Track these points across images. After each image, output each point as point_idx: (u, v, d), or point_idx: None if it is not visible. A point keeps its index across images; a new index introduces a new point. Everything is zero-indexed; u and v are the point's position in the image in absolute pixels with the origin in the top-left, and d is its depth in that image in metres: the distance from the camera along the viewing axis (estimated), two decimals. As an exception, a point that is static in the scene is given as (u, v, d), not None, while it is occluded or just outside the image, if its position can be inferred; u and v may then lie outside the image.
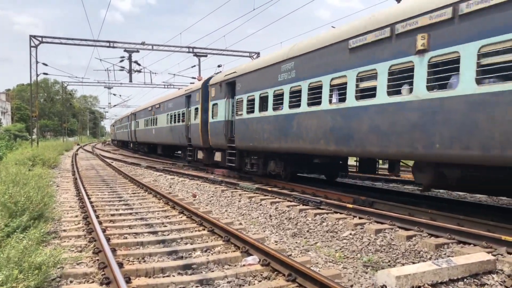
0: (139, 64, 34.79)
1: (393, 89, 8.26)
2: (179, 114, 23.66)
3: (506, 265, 5.42)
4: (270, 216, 9.43)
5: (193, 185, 14.46)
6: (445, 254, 6.19)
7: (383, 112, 8.40)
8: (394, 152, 8.33)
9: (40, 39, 30.26)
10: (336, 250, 6.79)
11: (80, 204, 10.10)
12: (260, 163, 14.51)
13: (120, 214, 9.19)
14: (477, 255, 5.40)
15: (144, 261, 5.85)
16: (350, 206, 9.01)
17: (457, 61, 6.94)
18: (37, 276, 4.33)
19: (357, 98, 9.09)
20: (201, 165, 20.42)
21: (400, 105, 8.03)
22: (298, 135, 11.25)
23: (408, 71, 7.87)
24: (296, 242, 7.27)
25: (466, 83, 6.77)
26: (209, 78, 19.26)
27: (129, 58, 32.98)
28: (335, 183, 13.92)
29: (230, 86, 16.19)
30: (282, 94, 12.08)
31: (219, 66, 33.12)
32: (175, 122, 24.44)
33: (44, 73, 38.31)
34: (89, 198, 10.48)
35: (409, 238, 6.92)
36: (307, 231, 8.09)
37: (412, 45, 7.74)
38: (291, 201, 10.44)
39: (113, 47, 31.12)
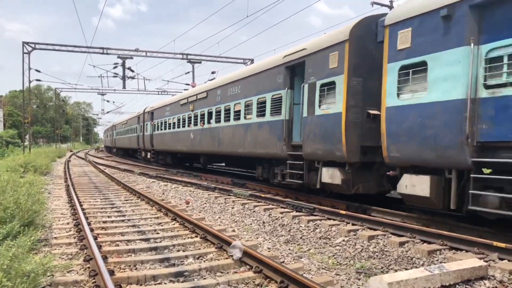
0: (132, 71, 34.80)
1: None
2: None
3: (497, 271, 5.44)
4: (263, 222, 9.40)
5: (186, 192, 14.41)
6: (437, 260, 6.20)
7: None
8: None
9: (33, 45, 30.17)
10: (329, 257, 6.78)
11: (72, 211, 10.02)
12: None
13: (112, 221, 9.12)
14: (469, 261, 5.40)
15: (136, 269, 5.79)
16: (343, 212, 9.01)
17: None
18: (26, 284, 4.27)
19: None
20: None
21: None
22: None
23: None
24: (289, 249, 7.25)
25: None
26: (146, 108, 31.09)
27: (123, 65, 32.98)
28: None
29: (150, 115, 28.98)
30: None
31: (213, 72, 33.22)
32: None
33: (37, 80, 38.14)
34: (81, 205, 10.40)
35: (401, 244, 6.92)
36: (300, 237, 8.07)
37: None
38: (284, 208, 10.42)
39: (107, 53, 31.10)
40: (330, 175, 10.07)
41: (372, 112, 9.45)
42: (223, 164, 22.79)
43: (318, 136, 10.41)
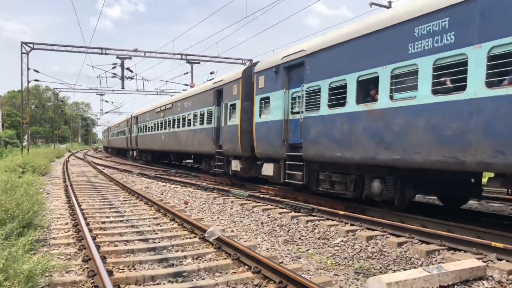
0: (131, 71, 34.77)
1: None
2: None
3: (496, 272, 5.45)
4: (262, 223, 9.40)
5: (185, 192, 14.40)
6: (436, 260, 6.20)
7: None
8: None
9: (31, 45, 30.11)
10: (327, 257, 6.78)
11: (71, 211, 10.01)
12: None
13: (111, 222, 9.12)
14: (467, 262, 5.41)
15: (135, 269, 5.79)
16: (342, 213, 9.01)
17: None
18: (24, 284, 4.27)
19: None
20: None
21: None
22: None
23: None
24: (288, 249, 7.25)
25: None
26: (133, 113, 30.36)
27: (122, 65, 32.93)
28: None
29: (136, 119, 28.66)
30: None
31: (211, 73, 33.20)
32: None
33: (35, 80, 38.06)
34: (79, 206, 10.39)
35: (400, 244, 6.93)
36: (299, 238, 8.08)
37: None
38: (283, 208, 10.42)
39: (105, 53, 31.05)
40: (235, 165, 15.08)
41: None
42: (191, 160, 25.75)
43: (229, 139, 15.46)
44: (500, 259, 5.94)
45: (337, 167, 10.20)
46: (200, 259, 6.26)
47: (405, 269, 5.90)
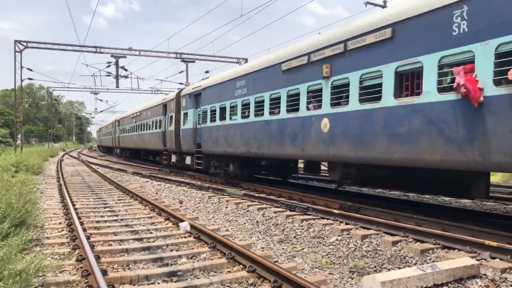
0: (126, 70, 34.67)
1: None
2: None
3: (489, 270, 5.48)
4: (257, 222, 9.40)
5: (180, 191, 14.37)
6: (430, 259, 6.22)
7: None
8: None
9: (25, 44, 29.93)
10: (322, 256, 6.79)
11: (64, 210, 9.96)
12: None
13: (105, 221, 9.08)
14: (461, 260, 5.43)
15: (129, 269, 5.77)
16: (337, 211, 9.03)
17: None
18: (18, 284, 4.24)
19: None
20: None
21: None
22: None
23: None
24: (283, 248, 7.25)
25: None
26: (116, 117, 41.49)
27: (116, 64, 32.82)
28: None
29: (118, 122, 40.08)
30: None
31: (207, 72, 33.11)
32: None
33: (29, 78, 37.84)
34: (73, 205, 10.34)
35: (394, 243, 6.95)
36: (294, 237, 8.08)
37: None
38: (278, 207, 10.43)
39: (100, 52, 30.93)
40: (173, 158, 22.20)
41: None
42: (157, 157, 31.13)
43: (169, 141, 22.56)
44: (494, 258, 5.97)
45: (218, 157, 16.86)
46: (195, 258, 6.25)
47: (399, 268, 5.92)
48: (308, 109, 10.49)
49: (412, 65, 7.61)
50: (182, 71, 36.10)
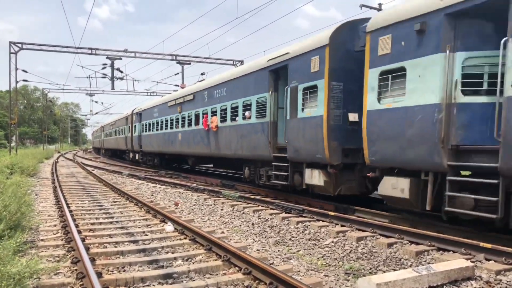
0: (121, 72, 34.55)
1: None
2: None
3: (484, 272, 5.51)
4: (253, 224, 9.40)
5: (175, 193, 14.35)
6: (425, 261, 6.25)
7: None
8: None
9: (20, 45, 29.80)
10: (318, 258, 6.80)
11: (59, 213, 9.91)
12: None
13: (101, 223, 9.05)
14: (456, 262, 5.46)
15: (124, 271, 5.75)
16: (332, 213, 9.04)
17: None
18: (12, 286, 4.22)
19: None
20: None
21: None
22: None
23: None
24: (279, 250, 7.26)
25: None
26: (103, 125, 52.04)
27: (111, 65, 32.73)
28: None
29: (103, 128, 50.15)
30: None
31: (202, 74, 33.10)
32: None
33: (24, 80, 37.66)
34: (68, 207, 10.30)
35: (390, 245, 6.97)
36: (290, 239, 8.09)
37: None
38: (273, 209, 10.43)
39: (95, 54, 30.82)
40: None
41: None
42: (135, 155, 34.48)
43: (148, 144, 26.95)
44: (488, 259, 6.00)
45: (150, 154, 28.43)
46: (191, 261, 6.24)
47: (395, 270, 5.94)
48: (175, 127, 20.97)
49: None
50: (178, 73, 36.11)
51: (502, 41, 6.12)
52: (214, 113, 15.97)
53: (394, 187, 8.00)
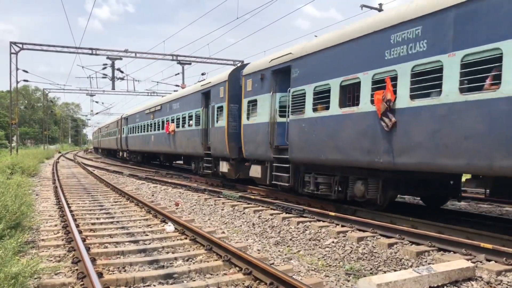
0: (122, 72, 34.57)
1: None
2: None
3: (485, 272, 5.50)
4: (253, 224, 9.40)
5: (176, 194, 14.35)
6: (425, 261, 6.24)
7: None
8: None
9: (20, 45, 29.82)
10: (318, 258, 6.80)
11: (60, 213, 9.92)
12: None
13: (101, 223, 9.06)
14: (457, 262, 5.46)
15: (125, 271, 5.76)
16: (333, 214, 9.04)
17: None
18: (13, 286, 4.22)
19: None
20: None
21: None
22: None
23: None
24: (279, 251, 7.26)
25: None
26: (100, 127, 62.87)
27: (112, 66, 32.74)
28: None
29: (99, 130, 61.95)
30: None
31: (203, 74, 33.11)
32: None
33: (25, 80, 37.70)
34: (69, 207, 10.31)
35: (390, 245, 6.97)
36: (290, 239, 8.09)
37: None
38: (274, 209, 10.43)
39: (96, 54, 30.83)
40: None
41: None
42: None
43: (132, 144, 32.08)
44: (489, 260, 6.00)
45: (134, 152, 34.09)
46: (191, 261, 6.24)
47: (395, 270, 5.94)
48: (150, 131, 25.71)
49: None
50: (178, 73, 36.12)
51: (289, 89, 10.90)
52: (172, 120, 21.20)
53: (253, 172, 13.12)
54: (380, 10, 19.57)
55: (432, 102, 7.02)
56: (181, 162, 27.82)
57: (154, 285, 5.20)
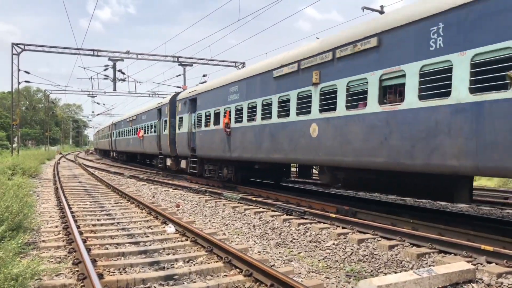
0: (123, 73, 34.62)
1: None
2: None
3: (485, 274, 5.49)
4: (254, 226, 9.40)
5: (176, 195, 14.36)
6: (426, 263, 6.24)
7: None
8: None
9: (22, 46, 29.90)
10: (319, 260, 6.80)
11: (61, 214, 9.93)
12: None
13: (102, 224, 9.06)
14: (457, 264, 5.45)
15: (125, 272, 5.76)
16: (334, 216, 9.04)
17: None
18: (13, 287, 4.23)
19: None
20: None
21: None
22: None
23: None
24: (280, 252, 7.25)
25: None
26: (97, 130, 70.59)
27: (114, 67, 32.79)
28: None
29: (98, 132, 67.56)
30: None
31: (204, 75, 33.16)
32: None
33: (26, 81, 37.79)
34: (70, 208, 10.32)
35: (391, 247, 6.96)
36: (291, 241, 8.08)
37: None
38: (275, 211, 10.43)
39: (97, 55, 30.93)
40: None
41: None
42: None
43: (119, 145, 39.27)
44: (490, 262, 5.99)
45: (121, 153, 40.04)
46: (192, 262, 6.24)
47: (396, 272, 5.94)
48: (130, 135, 32.40)
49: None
50: (180, 75, 36.15)
51: (195, 111, 18.00)
52: (142, 128, 28.05)
53: (182, 164, 19.88)
54: (381, 12, 19.58)
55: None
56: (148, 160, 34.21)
57: (155, 287, 5.20)
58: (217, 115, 15.61)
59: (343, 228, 8.39)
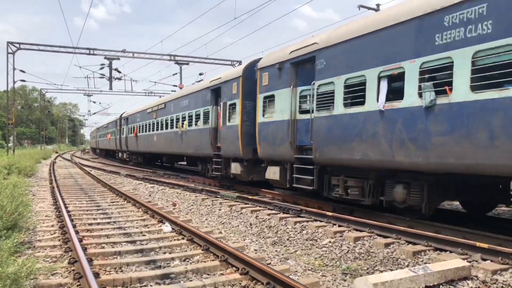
0: (119, 72, 34.50)
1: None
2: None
3: (480, 272, 5.52)
4: (251, 224, 9.40)
5: (173, 194, 14.34)
6: (422, 261, 6.26)
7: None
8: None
9: (17, 45, 29.75)
10: (315, 258, 6.81)
11: (57, 213, 9.90)
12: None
13: (98, 223, 9.05)
14: (452, 262, 5.48)
15: (122, 271, 5.75)
16: (330, 214, 9.06)
17: None
18: (9, 287, 4.21)
19: None
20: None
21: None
22: None
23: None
24: (276, 251, 7.26)
25: None
26: (91, 130, 79.47)
27: (110, 66, 32.68)
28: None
29: (93, 131, 73.25)
30: None
31: (200, 74, 33.10)
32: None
33: (22, 80, 37.59)
34: (66, 207, 10.29)
35: (387, 245, 6.99)
36: (287, 239, 8.09)
37: None
38: (271, 209, 10.44)
39: (93, 54, 30.78)
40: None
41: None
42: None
43: (100, 144, 53.88)
44: (485, 259, 6.03)
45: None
46: (188, 261, 6.24)
47: (392, 270, 5.95)
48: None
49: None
50: (176, 73, 36.07)
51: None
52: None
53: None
54: (377, 10, 19.59)
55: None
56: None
57: (151, 285, 5.20)
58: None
59: (339, 226, 8.42)
